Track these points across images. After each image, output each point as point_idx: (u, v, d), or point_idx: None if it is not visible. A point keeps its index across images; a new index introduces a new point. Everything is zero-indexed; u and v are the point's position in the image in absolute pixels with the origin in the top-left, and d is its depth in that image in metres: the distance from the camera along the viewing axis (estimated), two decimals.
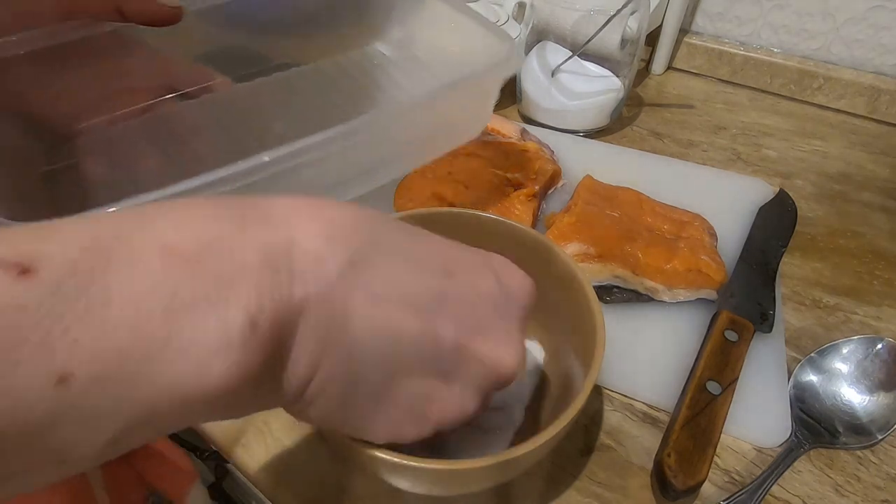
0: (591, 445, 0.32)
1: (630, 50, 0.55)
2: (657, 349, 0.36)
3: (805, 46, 0.65)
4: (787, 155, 0.57)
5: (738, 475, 0.31)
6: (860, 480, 0.31)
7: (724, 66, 0.69)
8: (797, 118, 0.63)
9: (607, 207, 0.42)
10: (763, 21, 0.66)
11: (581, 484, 0.30)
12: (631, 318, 0.38)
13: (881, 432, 0.32)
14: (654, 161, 0.53)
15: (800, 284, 0.42)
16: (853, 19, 0.61)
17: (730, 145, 0.58)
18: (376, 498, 0.29)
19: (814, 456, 0.32)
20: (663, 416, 0.33)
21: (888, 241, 0.47)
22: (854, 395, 0.34)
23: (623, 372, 0.35)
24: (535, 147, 0.48)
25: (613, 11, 0.49)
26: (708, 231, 0.42)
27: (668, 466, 0.28)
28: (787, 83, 0.66)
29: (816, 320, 0.39)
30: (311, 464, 0.31)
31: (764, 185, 0.50)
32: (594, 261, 0.38)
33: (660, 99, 0.66)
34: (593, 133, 0.58)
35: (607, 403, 0.34)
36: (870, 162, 0.56)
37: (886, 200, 0.51)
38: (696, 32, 0.71)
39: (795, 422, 0.32)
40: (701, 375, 0.32)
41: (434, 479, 0.25)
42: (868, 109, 0.63)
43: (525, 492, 0.30)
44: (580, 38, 0.53)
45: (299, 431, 0.32)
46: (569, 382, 0.29)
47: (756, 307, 0.37)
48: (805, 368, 0.35)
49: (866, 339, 0.35)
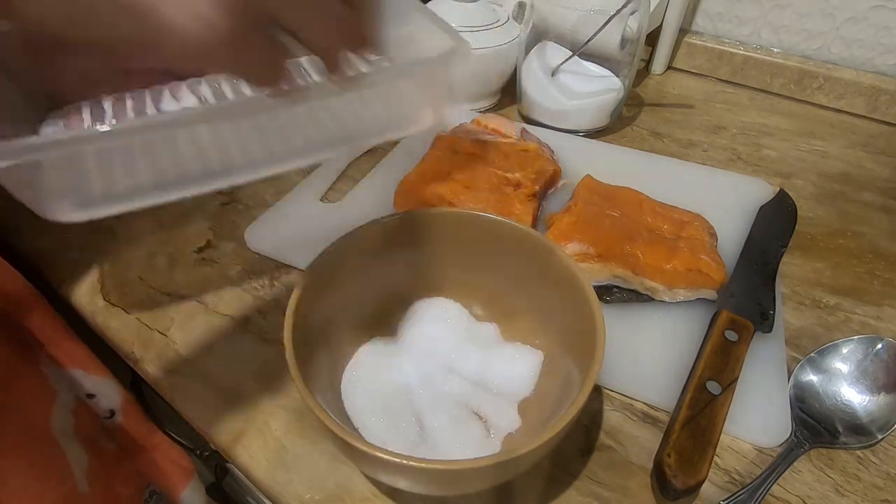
0: (591, 445, 0.32)
1: (630, 50, 0.55)
2: (657, 349, 0.36)
3: (805, 46, 0.65)
4: (787, 155, 0.57)
5: (738, 475, 0.31)
6: (860, 480, 0.31)
7: (724, 65, 0.69)
8: (797, 118, 0.63)
9: (607, 207, 0.42)
10: (763, 21, 0.66)
11: (581, 484, 0.30)
12: (631, 318, 0.38)
13: (881, 432, 0.32)
14: (654, 161, 0.53)
15: (800, 284, 0.42)
16: (853, 19, 0.61)
17: (730, 145, 0.58)
18: (376, 498, 0.30)
19: (814, 456, 0.32)
20: (663, 416, 0.33)
21: (888, 241, 0.47)
22: (854, 395, 0.34)
23: (623, 372, 0.35)
24: (535, 147, 0.48)
25: (613, 11, 0.49)
26: (708, 231, 0.42)
27: (668, 466, 0.28)
28: (787, 83, 0.66)
29: (816, 320, 0.39)
30: (311, 464, 0.31)
31: (764, 185, 0.50)
32: (594, 261, 0.38)
33: (660, 99, 0.66)
34: (593, 133, 0.58)
35: (607, 403, 0.34)
36: (870, 162, 0.56)
37: (886, 200, 0.51)
38: (696, 32, 0.71)
39: (795, 422, 0.32)
40: (701, 375, 0.32)
41: (434, 479, 0.25)
42: (868, 109, 0.63)
43: (525, 492, 0.30)
44: (580, 38, 0.53)
45: (299, 431, 0.32)
46: (568, 382, 0.29)
47: (756, 307, 0.37)
48: (805, 368, 0.35)
49: (866, 339, 0.35)
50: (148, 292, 0.40)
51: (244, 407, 0.33)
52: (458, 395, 0.31)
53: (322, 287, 0.30)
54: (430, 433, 0.29)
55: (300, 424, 0.33)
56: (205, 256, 0.43)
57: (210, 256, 0.43)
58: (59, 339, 0.38)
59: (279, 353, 0.36)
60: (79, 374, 0.39)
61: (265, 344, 0.37)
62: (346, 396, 0.31)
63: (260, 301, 0.40)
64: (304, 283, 0.29)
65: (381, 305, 0.35)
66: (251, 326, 0.38)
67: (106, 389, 0.40)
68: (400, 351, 0.33)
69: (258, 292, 0.40)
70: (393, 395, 0.31)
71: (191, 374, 0.35)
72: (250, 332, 0.38)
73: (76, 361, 0.39)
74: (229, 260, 0.43)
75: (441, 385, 0.32)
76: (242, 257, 0.43)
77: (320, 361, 0.30)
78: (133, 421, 0.42)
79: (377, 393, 0.31)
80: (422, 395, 0.31)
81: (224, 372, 0.35)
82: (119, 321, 0.38)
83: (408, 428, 0.30)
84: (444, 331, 0.34)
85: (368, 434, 0.29)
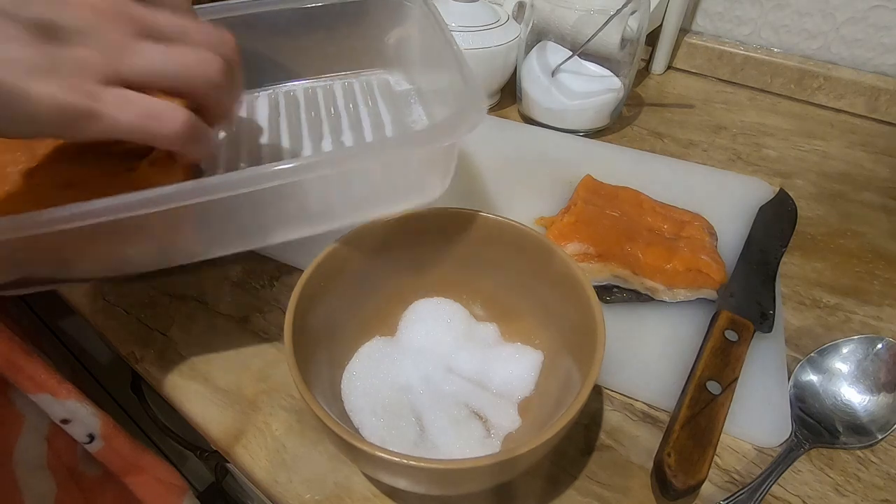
0: (591, 445, 0.32)
1: (630, 50, 0.55)
2: (657, 349, 0.36)
3: (805, 46, 0.65)
4: (787, 155, 0.57)
5: (738, 475, 0.31)
6: (860, 480, 0.31)
7: (724, 65, 0.69)
8: (797, 118, 0.63)
9: (607, 207, 0.42)
10: (763, 21, 0.66)
11: (581, 484, 0.30)
12: (631, 318, 0.38)
13: (881, 432, 0.32)
14: (654, 161, 0.53)
15: (800, 284, 0.42)
16: (853, 19, 0.61)
17: (730, 145, 0.58)
18: (376, 498, 0.30)
19: (814, 456, 0.32)
20: (663, 415, 0.33)
21: (888, 240, 0.47)
22: (854, 394, 0.34)
23: (623, 372, 0.35)
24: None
25: (613, 11, 0.49)
26: (708, 231, 0.42)
27: (668, 466, 0.28)
28: (787, 83, 0.66)
29: (816, 320, 0.39)
30: (311, 464, 0.31)
31: (764, 185, 0.50)
32: (594, 261, 0.38)
33: (660, 99, 0.66)
34: (593, 133, 0.58)
35: (607, 403, 0.34)
36: (870, 162, 0.56)
37: (886, 200, 0.51)
38: (696, 32, 0.71)
39: (795, 422, 0.32)
40: (701, 375, 0.32)
41: (433, 479, 0.25)
42: (868, 109, 0.63)
43: (525, 492, 0.30)
44: (580, 37, 0.53)
45: (299, 431, 0.32)
46: (568, 382, 0.29)
47: (756, 307, 0.37)
48: (805, 368, 0.35)
49: (866, 338, 0.35)
50: (148, 292, 0.40)
51: (244, 407, 0.33)
52: (458, 395, 0.31)
53: (322, 287, 0.30)
54: (430, 433, 0.30)
55: (300, 424, 0.33)
56: None
57: None
58: (19, 364, 0.35)
59: (279, 353, 0.36)
60: (46, 399, 0.36)
61: (265, 344, 0.37)
62: (345, 396, 0.31)
63: (260, 301, 0.40)
64: (304, 283, 0.29)
65: (381, 305, 0.35)
66: (251, 326, 0.38)
67: (81, 413, 0.37)
68: (400, 351, 0.33)
69: (258, 292, 0.40)
70: (393, 395, 0.31)
71: (191, 374, 0.35)
72: (250, 332, 0.38)
73: (41, 386, 0.35)
74: (229, 260, 0.43)
75: (441, 385, 0.32)
76: (242, 257, 0.43)
77: (320, 361, 0.30)
78: (117, 443, 0.39)
79: (377, 393, 0.31)
80: (422, 394, 0.31)
81: (224, 372, 0.35)
82: (119, 321, 0.38)
83: (407, 428, 0.30)
84: (444, 331, 0.34)
85: (368, 434, 0.29)
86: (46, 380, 0.35)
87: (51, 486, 0.35)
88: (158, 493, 0.41)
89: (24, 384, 0.35)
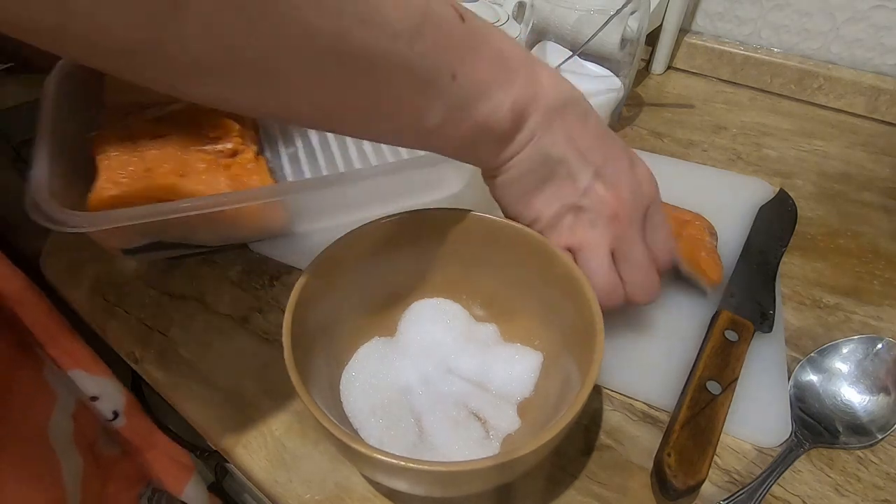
0: (591, 445, 0.32)
1: (630, 50, 0.55)
2: (657, 349, 0.36)
3: (805, 46, 0.65)
4: (787, 155, 0.57)
5: (738, 475, 0.31)
6: (860, 480, 0.31)
7: (724, 65, 0.69)
8: (797, 118, 0.63)
9: None
10: (763, 21, 0.66)
11: (581, 484, 0.30)
12: (631, 318, 0.38)
13: (881, 432, 0.32)
14: (654, 161, 0.52)
15: (800, 284, 0.42)
16: (853, 19, 0.61)
17: (730, 145, 0.58)
18: (376, 498, 0.30)
19: (814, 456, 0.32)
20: (663, 415, 0.33)
21: (888, 240, 0.47)
22: (854, 394, 0.34)
23: (623, 372, 0.35)
24: None
25: (613, 11, 0.49)
26: (708, 230, 0.42)
27: (668, 466, 0.28)
28: (787, 83, 0.66)
29: (816, 320, 0.39)
30: (310, 464, 0.31)
31: (764, 185, 0.50)
32: None
33: (660, 99, 0.66)
34: None
35: (607, 403, 0.34)
36: (870, 162, 0.56)
37: (886, 200, 0.51)
38: (696, 32, 0.71)
39: (795, 422, 0.32)
40: (701, 375, 0.32)
41: (432, 481, 0.25)
42: (868, 109, 0.63)
43: (525, 492, 0.30)
44: (580, 37, 0.53)
45: (299, 431, 0.32)
46: (568, 382, 0.29)
47: (756, 307, 0.37)
48: (805, 368, 0.35)
49: (866, 338, 0.35)
50: (148, 292, 0.40)
51: (244, 407, 0.33)
52: (458, 396, 0.31)
53: (322, 287, 0.30)
54: (430, 434, 0.29)
55: (300, 424, 0.33)
56: (205, 257, 0.43)
57: (210, 256, 0.43)
58: (59, 339, 0.37)
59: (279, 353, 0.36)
60: (80, 374, 0.38)
61: (265, 344, 0.37)
62: (345, 397, 0.31)
63: (260, 301, 0.40)
64: (303, 283, 0.29)
65: (381, 305, 0.35)
66: (251, 326, 0.38)
67: (109, 390, 0.39)
68: (399, 351, 0.33)
69: (258, 292, 0.40)
70: (392, 396, 0.31)
71: (191, 374, 0.35)
72: (250, 332, 0.38)
73: (78, 362, 0.38)
74: (229, 260, 0.43)
75: (440, 386, 0.32)
76: (242, 257, 0.43)
77: (320, 362, 0.30)
78: (135, 421, 0.41)
79: (376, 393, 0.31)
80: (421, 395, 0.31)
81: (224, 372, 0.35)
82: (119, 321, 0.38)
83: (407, 429, 0.30)
84: (444, 331, 0.34)
85: (367, 435, 0.29)
86: (82, 355, 0.38)
87: (78, 462, 0.36)
88: (171, 471, 0.43)
89: (63, 359, 0.37)
